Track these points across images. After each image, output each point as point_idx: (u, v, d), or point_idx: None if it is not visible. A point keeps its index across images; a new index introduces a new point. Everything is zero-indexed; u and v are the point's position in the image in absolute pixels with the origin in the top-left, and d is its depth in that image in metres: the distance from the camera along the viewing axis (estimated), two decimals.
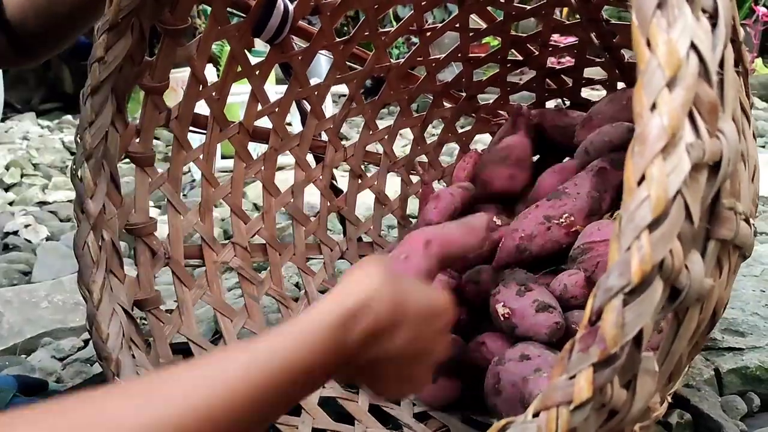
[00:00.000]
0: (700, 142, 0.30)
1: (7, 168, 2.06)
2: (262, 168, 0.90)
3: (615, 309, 0.29)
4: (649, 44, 0.30)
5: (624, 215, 0.29)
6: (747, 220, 0.44)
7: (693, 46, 0.30)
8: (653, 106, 0.29)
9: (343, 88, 0.98)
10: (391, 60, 0.96)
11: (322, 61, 1.79)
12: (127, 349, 0.61)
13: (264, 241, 0.90)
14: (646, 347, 0.31)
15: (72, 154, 2.35)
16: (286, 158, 0.98)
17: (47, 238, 1.48)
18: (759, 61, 3.12)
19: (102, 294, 0.61)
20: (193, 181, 1.79)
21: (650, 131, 0.29)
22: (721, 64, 0.33)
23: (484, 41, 1.10)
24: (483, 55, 1.00)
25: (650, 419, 0.42)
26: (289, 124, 1.55)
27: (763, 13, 3.02)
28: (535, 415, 0.32)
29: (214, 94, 0.83)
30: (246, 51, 0.85)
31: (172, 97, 0.81)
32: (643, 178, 0.29)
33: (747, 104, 0.49)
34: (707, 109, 0.31)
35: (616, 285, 0.29)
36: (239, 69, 0.85)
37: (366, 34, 0.90)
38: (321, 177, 0.97)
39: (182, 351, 0.72)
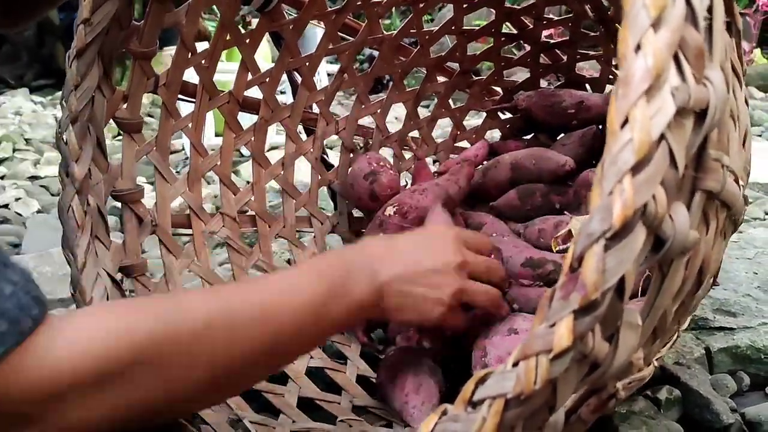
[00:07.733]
0: (686, 86, 0.29)
1: None
2: (252, 139, 0.89)
3: (596, 254, 0.29)
4: None
5: (606, 159, 0.29)
6: (737, 181, 0.44)
7: None
8: (638, 47, 0.29)
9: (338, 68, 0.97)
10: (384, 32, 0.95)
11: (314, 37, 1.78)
12: None
13: (254, 213, 0.89)
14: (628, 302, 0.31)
15: None
16: (279, 137, 0.97)
17: (38, 212, 1.48)
18: (758, 51, 3.09)
19: (86, 258, 0.61)
20: (186, 159, 1.78)
21: (634, 73, 0.28)
22: (710, 12, 0.32)
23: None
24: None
25: (634, 379, 0.42)
26: (282, 92, 1.54)
27: (763, 2, 2.99)
28: (515, 365, 0.31)
29: (203, 62, 0.82)
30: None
31: None
32: (626, 121, 0.29)
33: (738, 66, 0.48)
34: (693, 54, 0.30)
35: (598, 230, 0.29)
36: (229, 37, 0.84)
37: (358, 3, 0.89)
38: (312, 150, 0.96)
39: None
